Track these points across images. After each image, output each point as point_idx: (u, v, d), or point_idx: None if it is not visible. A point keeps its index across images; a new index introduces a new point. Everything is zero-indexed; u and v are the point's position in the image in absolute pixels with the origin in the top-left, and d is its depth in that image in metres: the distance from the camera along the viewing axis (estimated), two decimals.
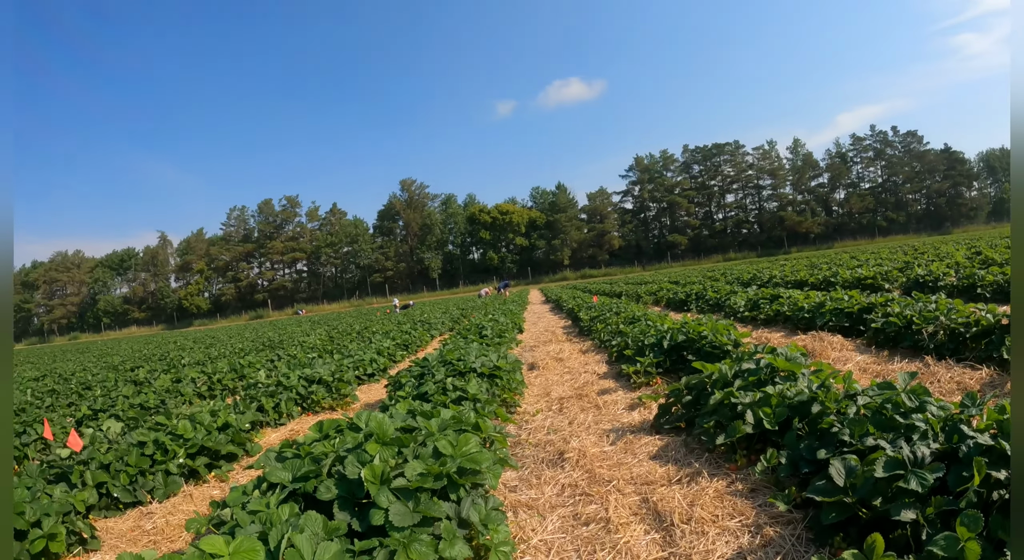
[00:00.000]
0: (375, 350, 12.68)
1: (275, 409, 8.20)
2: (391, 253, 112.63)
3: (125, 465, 5.65)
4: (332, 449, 4.08)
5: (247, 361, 13.91)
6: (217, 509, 4.02)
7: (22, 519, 4.22)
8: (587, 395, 7.59)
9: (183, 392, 10.70)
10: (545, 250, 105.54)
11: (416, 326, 20.19)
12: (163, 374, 14.29)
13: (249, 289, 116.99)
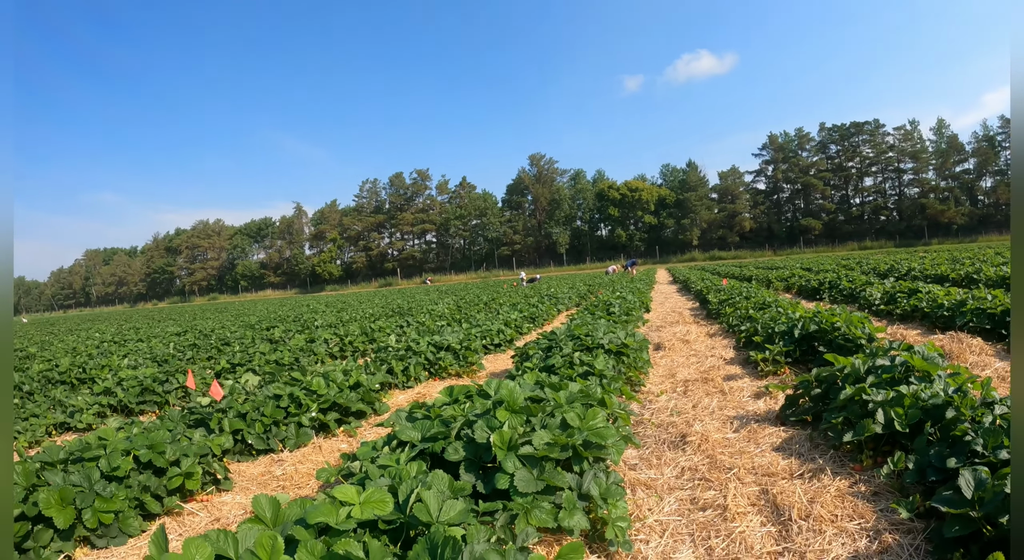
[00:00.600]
0: (502, 321, 12.85)
1: (404, 372, 8.46)
2: (519, 227, 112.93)
3: (261, 415, 6.00)
4: (461, 413, 4.21)
5: (377, 326, 14.32)
6: (347, 461, 4.21)
7: (162, 457, 4.52)
8: (712, 379, 7.53)
9: (316, 352, 11.13)
10: (674, 229, 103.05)
11: (543, 300, 20.28)
12: (297, 334, 14.91)
13: (379, 258, 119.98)
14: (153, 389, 8.70)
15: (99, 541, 4.04)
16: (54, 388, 10.40)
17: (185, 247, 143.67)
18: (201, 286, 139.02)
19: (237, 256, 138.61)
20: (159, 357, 12.30)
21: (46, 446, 4.65)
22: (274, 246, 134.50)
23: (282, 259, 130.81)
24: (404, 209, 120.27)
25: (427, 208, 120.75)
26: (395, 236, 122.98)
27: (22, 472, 4.14)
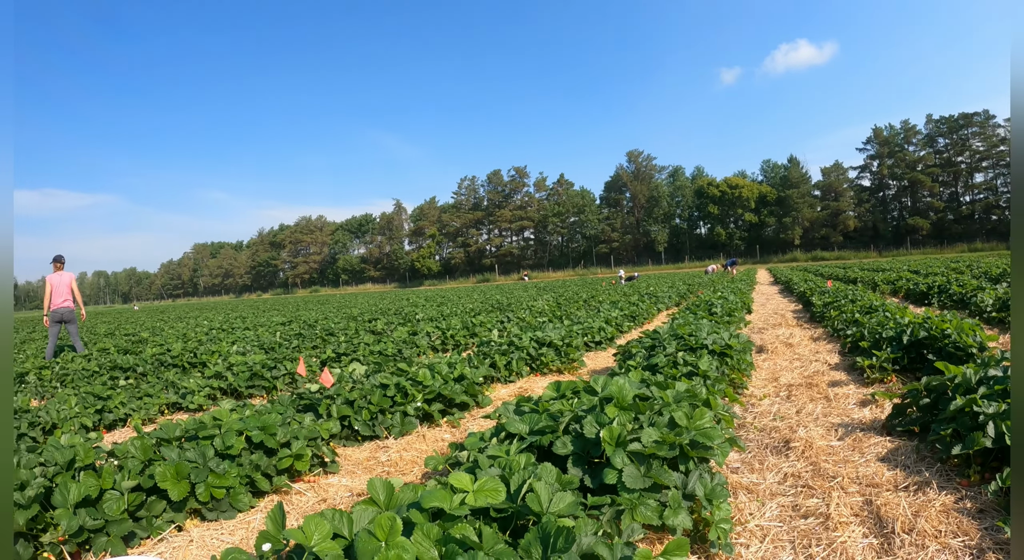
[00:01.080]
0: (603, 319, 12.83)
1: (506, 367, 8.55)
2: (617, 224, 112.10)
3: (368, 403, 6.17)
4: (569, 408, 4.23)
5: (478, 320, 14.46)
6: (455, 451, 4.30)
7: (273, 439, 4.71)
8: (817, 385, 7.37)
9: (418, 344, 11.32)
10: (775, 228, 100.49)
11: (643, 299, 20.11)
12: (400, 326, 15.17)
13: (477, 254, 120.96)
14: (262, 375, 9.02)
15: (209, 514, 4.24)
16: (167, 370, 10.85)
17: (288, 242, 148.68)
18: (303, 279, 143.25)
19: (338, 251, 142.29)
20: (266, 345, 12.69)
21: (162, 424, 4.91)
22: (374, 241, 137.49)
23: (382, 254, 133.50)
24: (502, 206, 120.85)
25: (525, 205, 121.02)
26: (493, 232, 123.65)
27: (140, 447, 4.40)
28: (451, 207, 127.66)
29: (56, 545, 3.80)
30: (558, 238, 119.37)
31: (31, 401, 8.23)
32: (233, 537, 4.03)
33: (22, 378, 11.10)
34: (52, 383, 10.46)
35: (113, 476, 4.09)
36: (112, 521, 3.91)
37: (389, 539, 2.42)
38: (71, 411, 7.39)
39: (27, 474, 4.02)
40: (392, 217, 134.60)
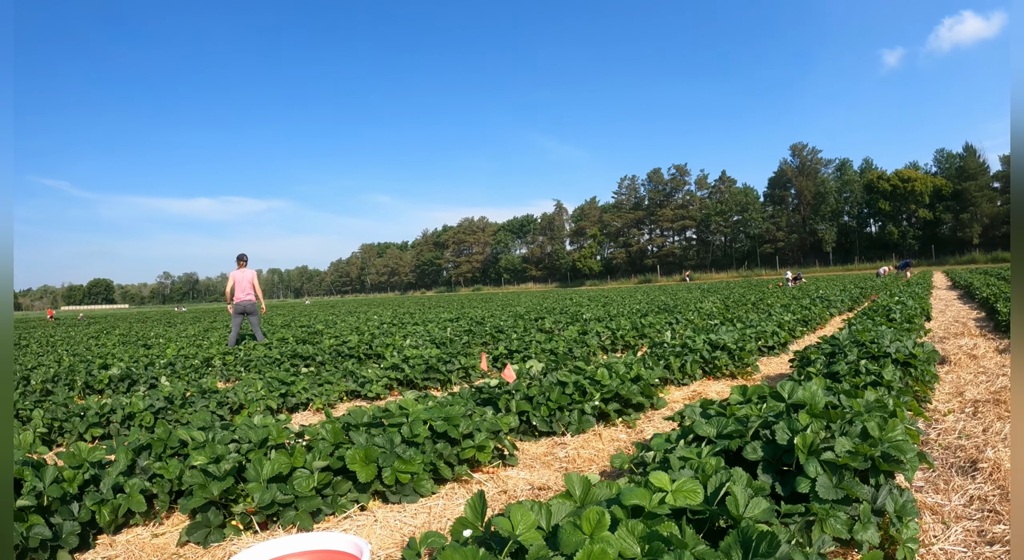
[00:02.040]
0: (775, 323, 12.41)
1: (680, 369, 8.40)
2: (782, 223, 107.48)
3: (546, 400, 6.19)
4: (756, 413, 4.13)
5: (647, 321, 14.30)
6: (640, 451, 4.25)
7: (456, 430, 4.81)
8: (1005, 401, 6.78)
9: (588, 343, 11.27)
10: (951, 225, 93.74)
11: (814, 302, 19.36)
12: (569, 326, 15.20)
13: (639, 254, 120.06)
14: (437, 368, 9.25)
15: (392, 497, 4.38)
16: (344, 361, 11.34)
17: (452, 242, 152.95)
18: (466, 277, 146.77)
19: (500, 250, 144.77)
20: (437, 340, 13.00)
21: (351, 409, 5.12)
22: (535, 241, 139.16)
23: (543, 254, 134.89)
24: (663, 205, 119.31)
25: (686, 204, 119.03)
26: (655, 232, 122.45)
27: (331, 430, 4.60)
28: (612, 207, 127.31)
29: (246, 515, 4.05)
30: (721, 238, 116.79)
31: (218, 383, 8.69)
32: (415, 521, 4.11)
33: (208, 362, 11.86)
34: (236, 368, 11.17)
35: (304, 456, 4.30)
36: (301, 497, 4.11)
37: (595, 532, 2.40)
38: (257, 393, 7.81)
39: (222, 449, 4.29)
40: (553, 217, 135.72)
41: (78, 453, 4.39)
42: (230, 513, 4.11)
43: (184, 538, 3.97)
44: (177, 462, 4.39)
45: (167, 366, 11.49)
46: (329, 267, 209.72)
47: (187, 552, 3.89)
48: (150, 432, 6.29)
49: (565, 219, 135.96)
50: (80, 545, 3.98)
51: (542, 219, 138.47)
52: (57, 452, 4.68)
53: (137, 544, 4.09)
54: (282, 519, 4.04)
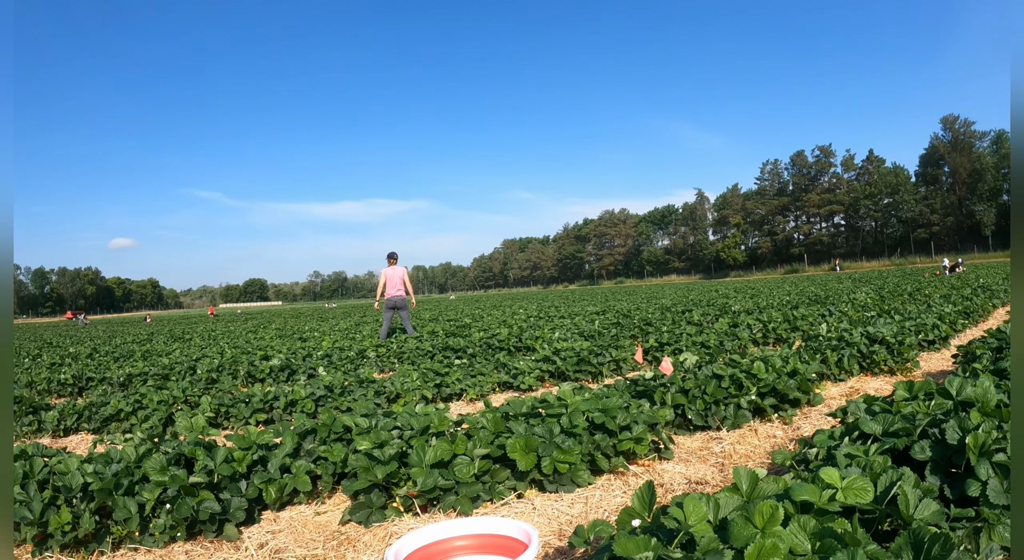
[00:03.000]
0: (935, 315, 11.81)
1: (837, 364, 8.10)
2: (936, 205, 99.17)
3: (702, 393, 6.10)
4: (924, 411, 3.98)
5: (798, 313, 13.88)
6: (803, 447, 4.16)
7: (613, 421, 4.80)
8: None
9: (739, 336, 11.06)
10: None
11: (976, 292, 18.27)
12: (719, 318, 14.98)
13: (784, 243, 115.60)
14: (588, 360, 9.25)
15: (549, 486, 4.44)
16: (495, 353, 11.60)
17: (593, 235, 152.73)
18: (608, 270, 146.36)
19: (642, 242, 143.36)
20: (585, 332, 13.06)
21: (510, 400, 5.24)
22: (677, 232, 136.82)
23: (686, 245, 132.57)
24: (808, 190, 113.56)
25: (833, 187, 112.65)
26: (800, 219, 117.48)
27: (491, 419, 4.72)
28: (754, 194, 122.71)
29: (408, 498, 4.22)
30: (871, 223, 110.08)
31: (374, 373, 8.98)
32: (572, 510, 4.14)
33: (363, 354, 12.29)
34: (390, 359, 11.60)
35: (465, 443, 4.41)
36: (462, 483, 4.23)
37: (767, 527, 2.37)
38: (413, 384, 8.06)
39: (386, 435, 4.50)
40: (695, 207, 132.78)
41: (247, 436, 4.67)
42: (391, 496, 4.29)
43: (347, 517, 4.16)
44: (341, 446, 4.62)
45: (324, 358, 12.02)
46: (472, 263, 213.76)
47: (348, 530, 4.09)
48: (312, 418, 6.65)
49: (707, 208, 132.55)
50: (246, 519, 4.27)
51: (683, 209, 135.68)
52: (226, 435, 4.98)
53: (300, 520, 4.34)
54: (442, 503, 4.17)
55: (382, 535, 3.93)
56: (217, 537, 4.10)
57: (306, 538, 4.05)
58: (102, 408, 8.22)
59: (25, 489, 4.39)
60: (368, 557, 3.69)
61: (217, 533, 4.10)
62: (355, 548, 3.83)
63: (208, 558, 3.91)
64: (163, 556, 3.98)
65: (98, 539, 4.10)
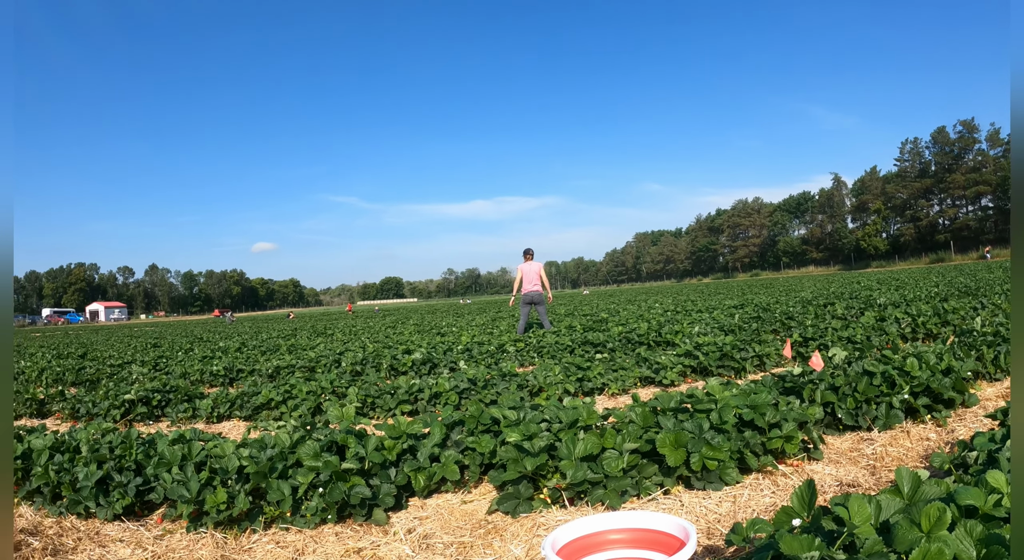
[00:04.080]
0: None
1: (993, 362, 7.61)
2: None
3: (853, 390, 5.85)
4: None
5: (949, 306, 13.24)
6: (963, 450, 3.99)
7: (763, 418, 4.68)
8: None
9: (887, 331, 10.59)
10: None
11: None
12: (864, 312, 14.44)
13: (928, 229, 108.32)
14: (731, 356, 9.06)
15: (696, 483, 4.35)
16: (634, 347, 11.55)
17: (726, 226, 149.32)
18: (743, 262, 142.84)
19: (777, 232, 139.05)
20: (725, 327, 12.82)
21: (658, 395, 5.16)
22: (814, 221, 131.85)
23: (823, 234, 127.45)
24: (952, 169, 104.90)
25: (978, 166, 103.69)
26: (945, 202, 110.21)
27: (640, 414, 4.65)
28: (894, 176, 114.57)
29: (556, 491, 4.23)
30: None
31: (515, 367, 9.07)
32: (720, 508, 4.07)
33: (502, 349, 12.46)
34: (529, 354, 11.76)
35: (615, 437, 4.39)
36: (610, 477, 4.20)
37: (932, 531, 2.27)
38: (555, 378, 8.09)
39: (535, 428, 4.48)
40: (831, 193, 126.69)
41: (398, 425, 4.79)
42: (538, 488, 4.32)
43: (494, 507, 4.22)
44: (489, 438, 4.68)
45: (464, 352, 12.27)
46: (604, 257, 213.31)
47: (495, 520, 4.14)
48: (456, 410, 6.79)
49: (844, 194, 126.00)
50: (395, 505, 4.39)
51: (820, 196, 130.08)
52: (374, 425, 5.14)
53: (447, 508, 4.45)
54: (589, 497, 4.16)
55: (529, 526, 3.96)
56: (366, 521, 4.25)
57: (453, 526, 4.14)
58: (253, 397, 8.68)
59: (183, 470, 4.66)
60: (515, 547, 3.72)
61: (366, 517, 4.24)
62: (502, 537, 3.88)
63: (357, 540, 4.04)
64: (313, 537, 4.14)
65: (251, 518, 4.32)
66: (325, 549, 3.96)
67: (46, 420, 9.95)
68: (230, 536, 4.25)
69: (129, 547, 4.32)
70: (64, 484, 5.05)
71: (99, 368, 15.12)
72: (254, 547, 4.11)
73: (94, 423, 6.50)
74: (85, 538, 4.56)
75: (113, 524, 4.78)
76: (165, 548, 4.23)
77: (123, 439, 5.45)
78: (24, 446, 5.64)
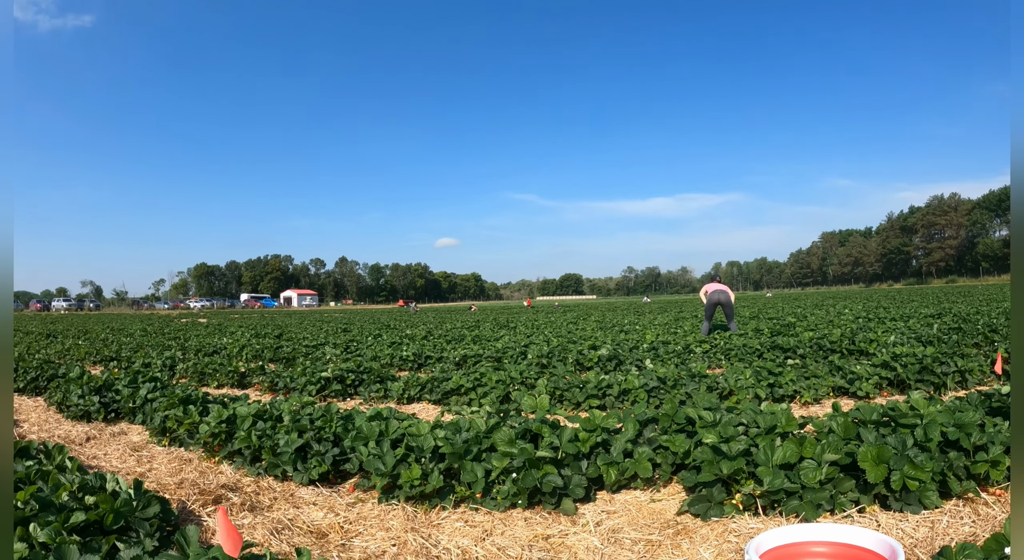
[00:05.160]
0: None
1: None
2: None
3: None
4: None
5: None
6: None
7: (968, 439, 4.35)
8: None
9: None
10: None
11: None
12: None
13: None
14: (932, 369, 8.53)
15: (893, 504, 4.10)
16: (826, 354, 11.20)
17: (920, 225, 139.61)
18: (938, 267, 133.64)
19: (976, 233, 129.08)
20: (922, 337, 12.14)
21: (861, 406, 4.93)
22: None
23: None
24: None
25: None
26: None
27: (841, 424, 4.49)
28: None
29: (750, 497, 4.12)
30: None
31: (705, 369, 8.95)
32: (916, 533, 3.82)
33: (688, 349, 12.37)
34: (716, 356, 11.60)
35: (814, 447, 4.24)
36: (807, 487, 4.06)
37: None
38: (746, 381, 7.97)
39: (732, 430, 4.44)
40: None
41: (592, 418, 4.84)
42: (730, 492, 4.23)
43: (684, 508, 4.19)
44: (683, 438, 4.64)
45: (650, 350, 12.26)
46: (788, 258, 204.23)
47: (685, 521, 4.10)
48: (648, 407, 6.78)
49: None
50: (583, 497, 4.45)
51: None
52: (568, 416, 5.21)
53: (634, 504, 4.45)
54: (784, 506, 4.03)
55: (720, 530, 3.90)
56: (555, 510, 4.33)
57: (640, 523, 4.13)
58: (444, 382, 9.08)
59: (380, 445, 4.92)
60: (704, 550, 3.68)
61: (555, 506, 4.32)
62: (691, 539, 3.83)
63: (546, 527, 4.11)
64: (502, 519, 4.25)
65: (441, 495, 4.50)
66: (513, 532, 4.05)
67: (247, 390, 10.73)
68: (420, 510, 4.44)
69: (322, 510, 4.61)
70: (265, 448, 5.46)
71: (295, 348, 16.09)
72: (443, 523, 4.26)
73: (293, 396, 6.95)
74: (281, 498, 4.91)
75: (307, 488, 5.14)
76: (356, 515, 4.49)
77: (323, 412, 5.80)
78: (229, 412, 6.15)
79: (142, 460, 6.30)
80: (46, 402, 9.95)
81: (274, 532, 4.16)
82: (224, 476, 5.44)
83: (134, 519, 3.67)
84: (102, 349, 17.60)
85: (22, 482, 4.24)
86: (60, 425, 8.35)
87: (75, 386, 9.03)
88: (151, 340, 22.03)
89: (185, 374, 12.46)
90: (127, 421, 8.27)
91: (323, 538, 4.13)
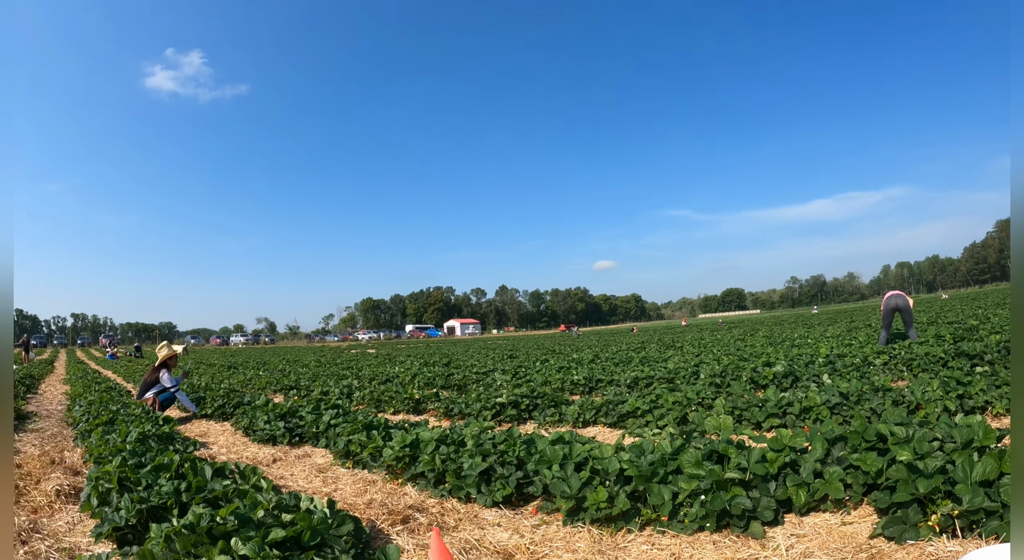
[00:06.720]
0: None
1: None
2: None
3: None
4: None
5: None
6: None
7: None
8: None
9: None
10: None
11: None
12: None
13: None
14: None
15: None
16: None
17: None
18: None
19: None
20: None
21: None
22: None
23: None
24: None
25: None
26: None
27: None
28: None
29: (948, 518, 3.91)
30: None
31: (889, 382, 8.61)
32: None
33: (867, 361, 11.93)
34: (897, 367, 11.07)
35: None
36: (1008, 506, 3.81)
37: None
38: (933, 393, 7.54)
39: (927, 447, 4.29)
40: None
41: (780, 438, 4.78)
42: (926, 513, 4.03)
43: (878, 531, 4.01)
44: (875, 456, 4.48)
45: (826, 364, 11.89)
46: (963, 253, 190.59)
47: (879, 544, 3.92)
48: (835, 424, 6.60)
49: None
50: (772, 520, 4.34)
51: None
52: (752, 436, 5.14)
53: (824, 528, 4.29)
54: (983, 528, 3.80)
55: (916, 554, 3.70)
56: (743, 533, 4.26)
57: (832, 547, 4.00)
58: (619, 405, 9.09)
59: (563, 468, 5.01)
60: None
61: (743, 529, 4.26)
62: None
63: (735, 551, 4.05)
64: (690, 543, 4.22)
65: (626, 518, 4.52)
66: (702, 556, 4.03)
67: (423, 416, 11.12)
68: (605, 533, 4.48)
69: (507, 532, 4.72)
70: (448, 471, 5.68)
71: (465, 374, 16.51)
72: (629, 546, 4.28)
73: (472, 421, 7.15)
74: (465, 519, 5.07)
75: (491, 510, 5.28)
76: (542, 537, 4.57)
77: (506, 436, 5.97)
78: (412, 436, 6.42)
79: (327, 481, 6.64)
80: (233, 427, 10.66)
81: (462, 552, 4.30)
82: (409, 497, 5.66)
83: (329, 536, 3.90)
84: (281, 379, 18.61)
85: (221, 500, 4.59)
86: (247, 447, 8.93)
87: (261, 412, 9.70)
88: (326, 370, 23.10)
89: (362, 401, 13.03)
90: (310, 445, 8.73)
91: (510, 559, 4.24)
